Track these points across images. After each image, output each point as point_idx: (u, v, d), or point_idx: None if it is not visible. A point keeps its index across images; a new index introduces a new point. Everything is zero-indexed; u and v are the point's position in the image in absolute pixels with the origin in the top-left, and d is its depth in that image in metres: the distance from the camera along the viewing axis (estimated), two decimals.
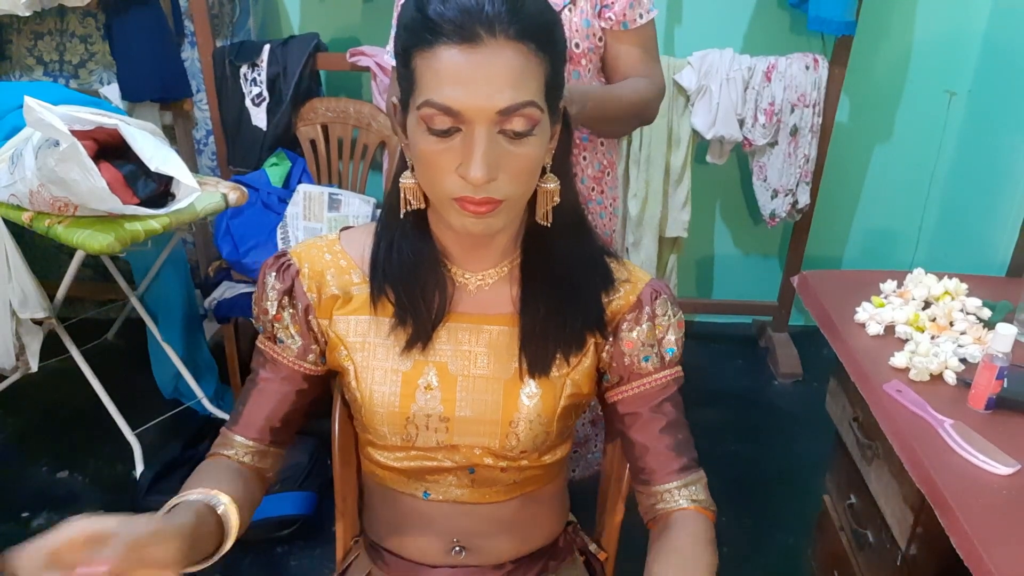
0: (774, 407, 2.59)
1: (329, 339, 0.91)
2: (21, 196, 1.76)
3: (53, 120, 1.59)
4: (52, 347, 2.12)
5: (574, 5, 1.40)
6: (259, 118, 2.41)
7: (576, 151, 1.50)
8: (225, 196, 1.98)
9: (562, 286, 0.87)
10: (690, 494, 0.88)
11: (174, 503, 0.79)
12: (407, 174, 0.83)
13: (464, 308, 0.90)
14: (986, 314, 1.42)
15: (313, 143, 2.46)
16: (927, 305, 1.44)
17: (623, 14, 1.41)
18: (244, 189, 2.04)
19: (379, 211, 2.39)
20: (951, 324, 1.39)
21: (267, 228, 2.28)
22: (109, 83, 2.52)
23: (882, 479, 1.32)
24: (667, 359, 0.91)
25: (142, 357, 2.41)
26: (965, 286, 1.47)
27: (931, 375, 1.26)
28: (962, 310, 1.42)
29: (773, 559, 1.96)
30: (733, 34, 2.57)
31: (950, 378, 1.26)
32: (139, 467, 2.10)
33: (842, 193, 2.78)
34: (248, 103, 2.41)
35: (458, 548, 0.95)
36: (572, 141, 0.88)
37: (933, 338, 1.34)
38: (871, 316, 1.40)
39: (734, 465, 2.24)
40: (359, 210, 2.26)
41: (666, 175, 2.55)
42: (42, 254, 2.67)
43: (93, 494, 2.08)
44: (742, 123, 2.45)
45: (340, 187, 2.44)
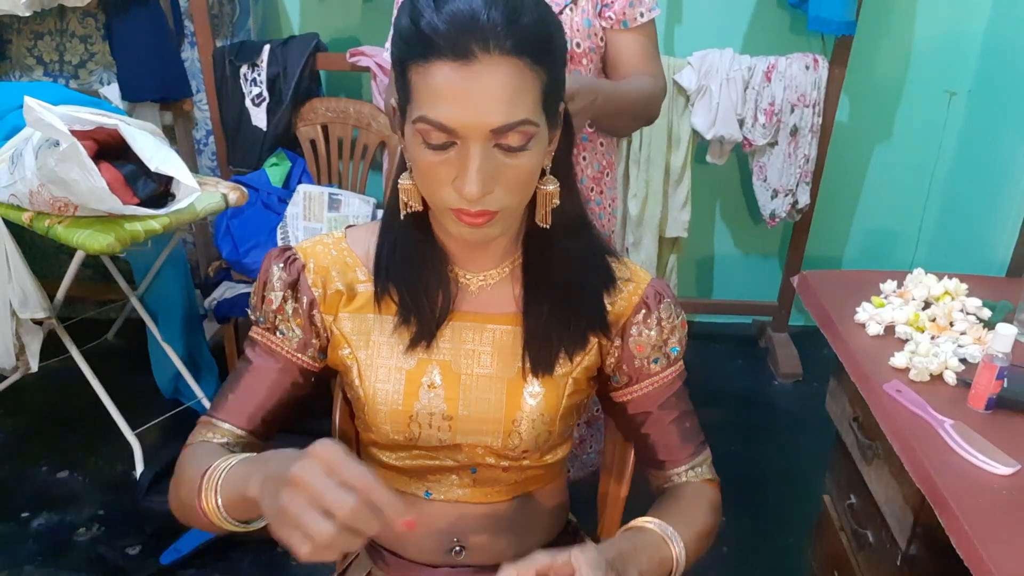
0: (774, 407, 2.59)
1: (332, 336, 0.91)
2: (21, 196, 1.76)
3: (53, 120, 1.59)
4: (52, 347, 2.12)
5: (575, 4, 1.40)
6: (259, 118, 2.41)
7: (575, 151, 1.50)
8: (225, 196, 1.98)
9: (564, 285, 0.87)
10: (696, 474, 0.95)
11: (231, 462, 0.77)
12: (405, 176, 0.82)
13: (467, 307, 0.90)
14: (986, 314, 1.42)
15: (313, 143, 2.46)
16: (927, 305, 1.44)
17: (623, 13, 1.41)
18: (244, 189, 2.04)
19: (379, 211, 2.40)
20: (951, 324, 1.39)
21: (267, 228, 2.28)
22: (109, 83, 2.52)
23: (882, 479, 1.32)
24: (672, 357, 0.93)
25: (142, 357, 2.41)
26: (965, 286, 1.47)
27: (931, 375, 1.26)
28: (962, 310, 1.42)
29: (773, 559, 1.96)
30: (733, 34, 2.57)
31: (950, 378, 1.26)
32: (139, 467, 2.10)
33: (842, 193, 2.78)
34: (248, 103, 2.41)
35: (458, 548, 0.95)
36: (573, 141, 0.88)
37: (933, 338, 1.34)
38: (871, 316, 1.40)
39: (734, 465, 2.24)
40: (359, 210, 2.26)
41: (666, 175, 2.55)
42: (42, 254, 2.67)
43: (93, 494, 2.08)
44: (742, 123, 2.45)
45: (340, 187, 2.44)
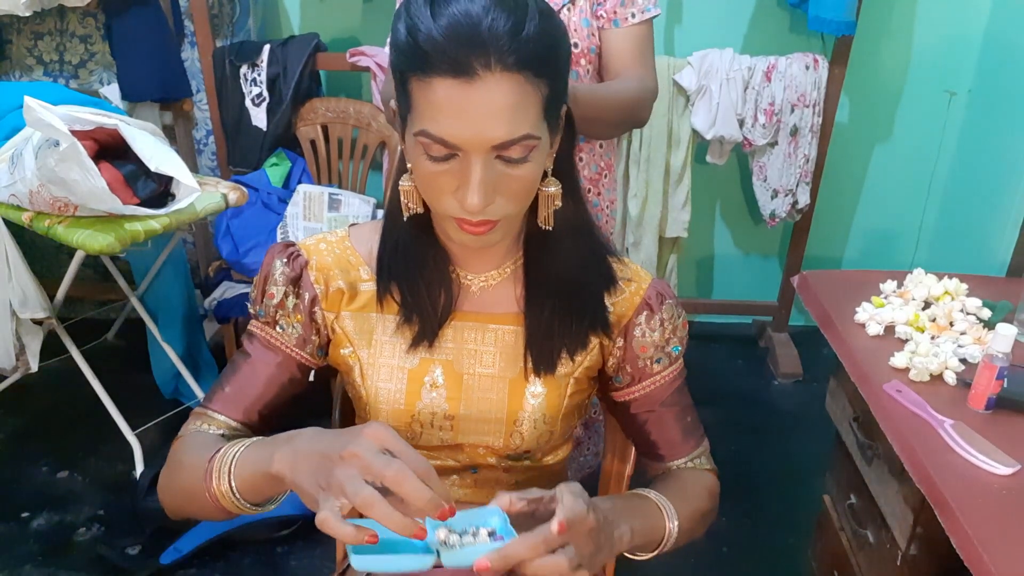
0: (774, 407, 2.59)
1: (334, 335, 0.91)
2: (21, 196, 1.76)
3: (53, 120, 1.59)
4: (52, 347, 2.12)
5: (573, 5, 1.40)
6: (259, 118, 2.41)
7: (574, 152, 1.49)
8: (225, 196, 1.98)
9: (566, 285, 0.87)
10: (696, 466, 0.96)
11: (244, 444, 0.77)
12: (406, 177, 0.82)
13: (469, 307, 0.90)
14: (986, 314, 1.42)
15: (313, 143, 2.46)
16: (927, 305, 1.44)
17: (614, 12, 1.40)
18: (244, 189, 2.04)
19: (379, 211, 2.40)
20: (951, 324, 1.39)
21: (267, 228, 2.28)
22: (109, 83, 2.52)
23: (882, 479, 1.32)
24: (673, 356, 0.93)
25: (142, 357, 2.41)
26: (965, 286, 1.47)
27: (931, 375, 1.26)
28: (962, 310, 1.42)
29: (773, 559, 1.96)
30: (733, 34, 2.57)
31: (950, 378, 1.26)
32: (139, 467, 2.10)
33: (842, 193, 2.78)
34: (248, 103, 2.41)
35: None
36: (575, 142, 0.88)
37: (933, 338, 1.34)
38: (871, 316, 1.40)
39: (734, 465, 2.24)
40: (359, 210, 2.26)
41: (666, 175, 2.54)
42: (42, 254, 2.67)
43: (93, 494, 2.08)
44: (742, 123, 2.45)
45: (340, 187, 2.44)
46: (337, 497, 0.62)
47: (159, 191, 1.83)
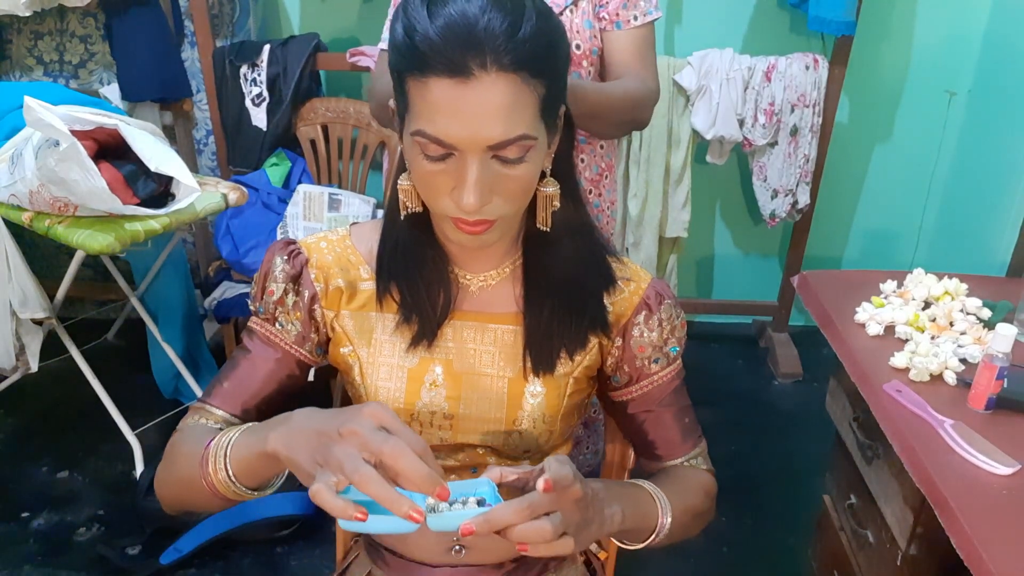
0: (774, 407, 2.59)
1: (334, 333, 0.91)
2: (21, 196, 1.76)
3: (53, 120, 1.59)
4: (52, 347, 2.12)
5: (575, 6, 1.40)
6: (259, 118, 2.41)
7: (574, 153, 1.49)
8: (225, 196, 1.98)
9: (565, 285, 0.87)
10: (693, 465, 0.96)
11: (239, 429, 0.78)
12: (404, 177, 0.82)
13: (468, 307, 0.90)
14: (986, 314, 1.42)
15: (313, 143, 2.46)
16: (927, 305, 1.44)
17: (616, 14, 1.40)
18: (244, 189, 2.04)
19: (379, 211, 2.40)
20: (951, 324, 1.39)
21: (267, 228, 2.28)
22: (109, 83, 2.52)
23: (882, 479, 1.32)
24: (671, 356, 0.93)
25: (142, 357, 2.41)
26: (965, 286, 1.47)
27: (931, 375, 1.26)
28: (962, 310, 1.42)
29: (773, 559, 1.96)
30: (733, 34, 2.57)
31: (950, 378, 1.26)
32: (139, 467, 2.11)
33: (842, 193, 2.78)
34: (248, 103, 2.41)
35: (458, 547, 0.95)
36: (574, 142, 0.88)
37: (933, 338, 1.34)
38: (871, 316, 1.40)
39: (734, 465, 2.24)
40: (359, 210, 2.26)
41: (666, 175, 2.55)
42: (42, 254, 2.67)
43: (93, 494, 2.08)
44: (742, 123, 2.45)
45: (340, 187, 2.44)
46: (335, 473, 0.63)
47: (159, 191, 1.83)
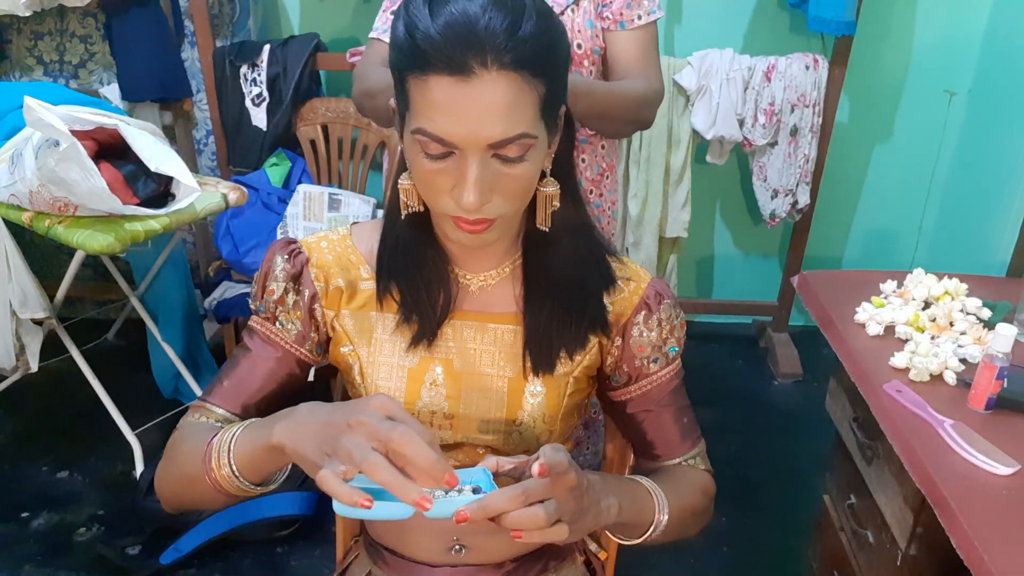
0: (774, 407, 2.59)
1: (334, 332, 0.91)
2: (21, 196, 1.76)
3: (53, 120, 1.59)
4: (52, 347, 2.12)
5: (577, 6, 1.40)
6: (259, 118, 2.41)
7: (575, 153, 1.49)
8: (225, 196, 1.98)
9: (565, 285, 0.87)
10: (691, 464, 0.96)
11: (241, 425, 0.78)
12: (405, 176, 0.82)
13: (468, 307, 0.90)
14: (986, 314, 1.42)
15: (313, 143, 2.46)
16: (927, 305, 1.44)
17: (620, 13, 1.40)
18: (244, 189, 2.04)
19: (379, 211, 2.40)
20: (951, 324, 1.39)
21: (267, 228, 2.28)
22: (109, 83, 2.52)
23: (882, 479, 1.32)
24: (670, 356, 0.93)
25: (142, 357, 2.41)
26: (965, 286, 1.47)
27: (931, 375, 1.26)
28: (962, 310, 1.42)
29: (773, 559, 1.96)
30: (733, 34, 2.57)
31: (950, 378, 1.26)
32: (139, 467, 2.11)
33: (842, 193, 2.78)
34: (248, 103, 2.41)
35: (458, 547, 0.95)
36: (574, 142, 0.88)
37: (933, 338, 1.34)
38: (871, 316, 1.40)
39: (734, 465, 2.24)
40: (359, 210, 2.26)
41: (666, 175, 2.55)
42: (42, 254, 2.67)
43: (93, 494, 2.08)
44: (742, 123, 2.45)
45: (340, 187, 2.44)
46: (344, 462, 0.63)
47: (159, 191, 1.84)
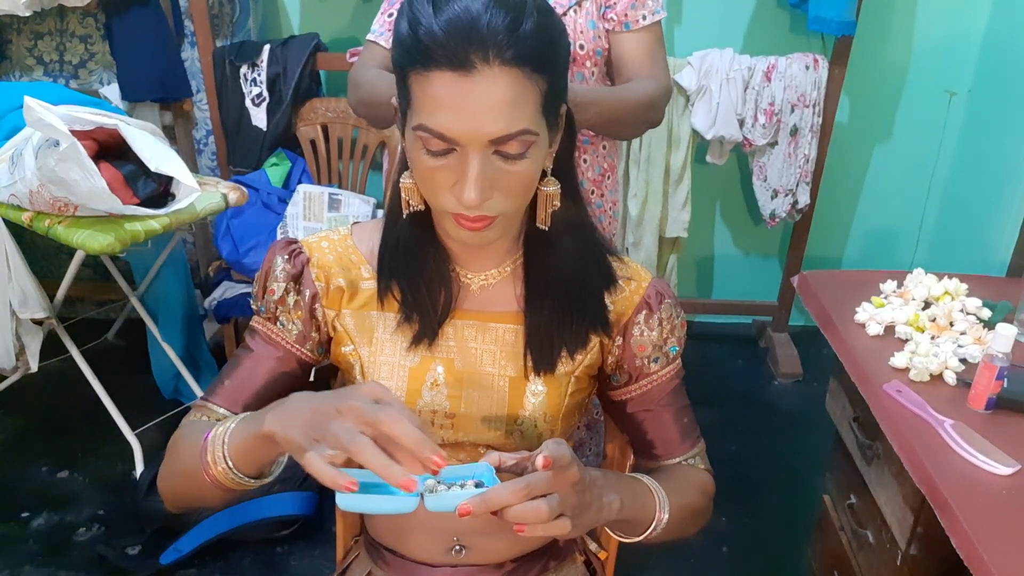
0: (774, 407, 2.59)
1: (335, 332, 0.92)
2: (21, 196, 1.76)
3: (53, 120, 1.59)
4: (52, 347, 2.12)
5: (579, 6, 1.39)
6: (259, 118, 2.41)
7: (576, 153, 1.49)
8: (225, 196, 1.98)
9: (565, 284, 0.88)
10: (691, 464, 0.96)
11: (236, 419, 0.78)
12: (407, 175, 0.82)
13: (469, 306, 0.90)
14: (986, 314, 1.42)
15: (313, 143, 2.46)
16: (927, 305, 1.44)
17: (624, 14, 1.39)
18: (244, 189, 2.04)
19: (379, 211, 2.40)
20: (951, 324, 1.39)
21: (267, 228, 2.28)
22: (109, 83, 2.52)
23: (882, 479, 1.32)
24: (671, 356, 0.93)
25: (142, 357, 2.41)
26: (965, 286, 1.47)
27: (931, 375, 1.26)
28: (962, 310, 1.42)
29: (773, 559, 1.96)
30: (733, 34, 2.57)
31: (950, 378, 1.26)
32: (139, 467, 2.11)
33: (842, 193, 2.78)
34: (248, 103, 2.41)
35: (458, 547, 0.95)
36: (575, 142, 0.88)
37: (933, 338, 1.34)
38: (871, 316, 1.40)
39: (734, 465, 2.24)
40: (359, 210, 2.26)
41: (666, 175, 2.55)
42: (42, 254, 2.67)
43: (93, 494, 2.08)
44: (742, 123, 2.45)
45: (340, 187, 2.44)
46: (332, 447, 0.64)
47: (159, 191, 1.83)
